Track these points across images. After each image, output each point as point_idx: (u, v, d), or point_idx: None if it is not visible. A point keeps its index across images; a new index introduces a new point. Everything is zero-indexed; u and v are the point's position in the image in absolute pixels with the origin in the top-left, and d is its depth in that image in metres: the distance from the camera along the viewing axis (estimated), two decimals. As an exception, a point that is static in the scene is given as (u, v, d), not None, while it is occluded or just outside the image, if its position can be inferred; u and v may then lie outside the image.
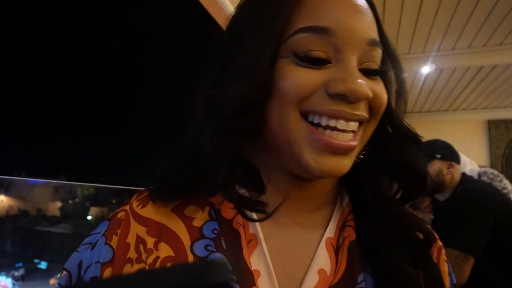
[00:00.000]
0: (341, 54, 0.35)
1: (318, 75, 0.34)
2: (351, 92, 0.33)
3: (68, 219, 3.57)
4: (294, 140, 0.34)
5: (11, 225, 2.83)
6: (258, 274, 0.36)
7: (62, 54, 8.31)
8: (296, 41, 0.34)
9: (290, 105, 0.34)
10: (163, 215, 0.39)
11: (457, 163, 1.59)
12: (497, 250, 1.36)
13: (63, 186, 3.82)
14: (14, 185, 2.99)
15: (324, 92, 0.34)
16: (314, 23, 0.34)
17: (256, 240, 0.37)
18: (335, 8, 0.35)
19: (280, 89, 0.34)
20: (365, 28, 0.36)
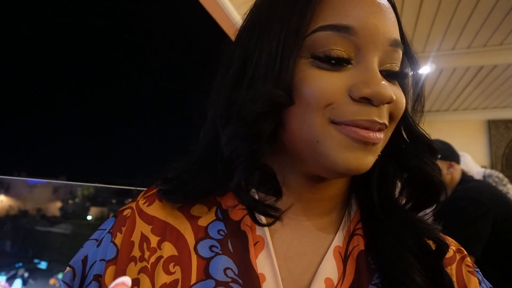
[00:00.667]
0: (363, 55, 0.33)
1: (340, 79, 0.33)
2: (375, 95, 0.32)
3: (68, 219, 3.57)
4: (318, 141, 0.33)
5: (11, 225, 2.83)
6: (264, 278, 0.35)
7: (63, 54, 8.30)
8: (317, 40, 0.33)
9: (314, 111, 0.33)
10: (169, 213, 0.39)
11: (457, 163, 1.59)
12: (497, 250, 1.36)
13: (63, 186, 3.82)
14: (14, 185, 2.99)
15: (348, 97, 0.33)
16: (336, 21, 0.33)
17: (263, 242, 0.37)
18: (358, 6, 0.34)
19: (302, 94, 0.33)
20: (388, 28, 0.34)
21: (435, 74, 3.33)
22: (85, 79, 9.74)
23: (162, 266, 0.35)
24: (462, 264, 0.41)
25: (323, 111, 0.33)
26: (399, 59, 0.36)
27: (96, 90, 9.51)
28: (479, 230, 1.34)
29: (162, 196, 0.40)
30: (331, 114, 0.33)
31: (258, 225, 0.36)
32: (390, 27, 0.35)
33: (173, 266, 0.35)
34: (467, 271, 0.40)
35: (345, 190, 0.41)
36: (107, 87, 8.76)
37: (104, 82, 8.92)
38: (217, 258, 0.35)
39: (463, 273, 0.40)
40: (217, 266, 0.35)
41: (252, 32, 0.37)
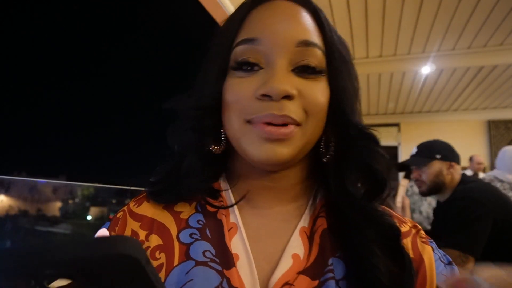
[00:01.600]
0: (270, 59, 0.39)
1: (251, 84, 0.39)
2: (269, 90, 0.37)
3: (68, 219, 3.57)
4: (239, 139, 0.40)
5: (11, 225, 2.83)
6: (238, 257, 0.40)
7: (62, 54, 8.31)
8: (235, 54, 0.41)
9: (233, 114, 0.40)
10: (156, 211, 0.45)
11: (457, 164, 1.59)
12: (497, 250, 1.36)
13: (63, 186, 3.82)
14: (14, 185, 3.00)
15: (254, 97, 0.38)
16: (246, 36, 0.40)
17: (236, 227, 0.42)
18: (263, 19, 0.41)
19: (225, 101, 0.41)
20: (291, 32, 0.39)
21: (435, 75, 3.33)
22: (85, 80, 9.76)
23: (149, 254, 0.40)
24: (417, 236, 0.44)
25: (239, 113, 0.40)
26: (313, 56, 0.40)
27: (97, 90, 9.53)
28: (479, 230, 1.34)
29: (149, 197, 0.46)
30: (244, 114, 0.39)
31: (214, 207, 0.43)
32: (296, 30, 0.40)
33: (159, 253, 0.41)
34: (421, 242, 0.44)
35: (304, 179, 0.46)
36: (107, 87, 8.79)
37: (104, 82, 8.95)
38: (196, 243, 0.41)
39: (417, 244, 0.43)
40: (196, 249, 0.40)
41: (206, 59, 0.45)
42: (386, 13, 2.37)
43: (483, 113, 4.43)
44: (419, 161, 1.63)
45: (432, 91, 3.80)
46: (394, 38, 2.71)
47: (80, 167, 10.52)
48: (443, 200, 1.61)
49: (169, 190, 0.45)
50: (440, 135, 1.91)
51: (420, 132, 4.40)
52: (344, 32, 2.65)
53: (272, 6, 0.42)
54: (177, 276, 0.38)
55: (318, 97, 0.40)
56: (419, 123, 4.68)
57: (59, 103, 13.74)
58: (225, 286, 0.37)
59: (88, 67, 15.24)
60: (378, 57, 3.04)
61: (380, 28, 2.56)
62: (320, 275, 0.39)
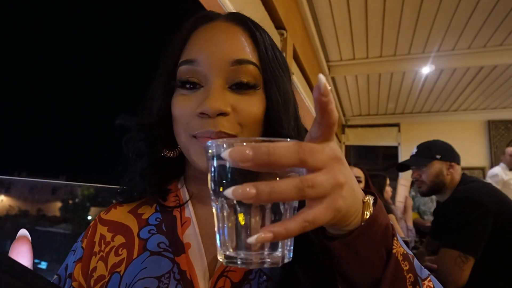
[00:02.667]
0: (207, 78, 0.44)
1: (192, 101, 0.44)
2: (205, 109, 0.41)
3: (68, 219, 3.57)
4: (188, 151, 0.45)
5: (11, 225, 2.83)
6: (189, 245, 0.45)
7: (62, 54, 8.31)
8: (179, 72, 0.45)
9: (180, 128, 0.45)
10: (121, 216, 0.51)
11: (457, 164, 1.59)
12: (497, 250, 1.36)
13: (63, 186, 3.82)
14: (14, 185, 2.99)
15: (195, 114, 0.43)
16: (187, 57, 0.45)
17: (190, 221, 0.48)
18: (202, 41, 0.45)
19: (173, 115, 0.46)
20: (226, 52, 0.44)
21: (435, 75, 3.33)
22: (86, 80, 9.76)
23: (113, 252, 0.47)
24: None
25: (185, 128, 0.44)
26: (247, 73, 0.44)
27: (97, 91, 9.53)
28: (479, 230, 1.34)
29: (117, 198, 0.53)
30: (189, 129, 0.44)
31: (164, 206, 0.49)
32: (230, 50, 0.44)
33: (121, 250, 0.47)
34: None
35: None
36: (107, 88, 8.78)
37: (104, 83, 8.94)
38: (153, 237, 0.47)
39: None
40: (153, 242, 0.46)
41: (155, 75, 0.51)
42: (386, 13, 2.37)
43: (483, 113, 4.43)
44: (419, 161, 1.63)
45: (432, 91, 3.80)
46: (394, 38, 2.71)
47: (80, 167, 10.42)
48: (443, 200, 1.61)
49: (130, 193, 0.52)
50: (440, 135, 1.91)
51: (420, 132, 4.40)
52: (344, 32, 2.65)
53: (210, 28, 0.47)
54: (134, 266, 0.44)
55: (252, 110, 0.44)
56: (419, 123, 4.68)
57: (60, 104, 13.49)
58: (175, 270, 0.43)
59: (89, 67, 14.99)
60: (378, 57, 3.05)
61: (380, 28, 2.56)
62: None
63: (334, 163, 0.28)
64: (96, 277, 0.46)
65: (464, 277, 1.30)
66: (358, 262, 0.32)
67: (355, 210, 0.30)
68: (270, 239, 0.24)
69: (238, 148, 0.24)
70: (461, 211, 1.40)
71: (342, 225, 0.31)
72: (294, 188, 0.24)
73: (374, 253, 0.32)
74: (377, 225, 0.32)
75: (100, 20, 13.55)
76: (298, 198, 0.25)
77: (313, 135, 0.28)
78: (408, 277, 0.33)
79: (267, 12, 1.58)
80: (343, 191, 0.27)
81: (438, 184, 1.58)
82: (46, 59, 16.19)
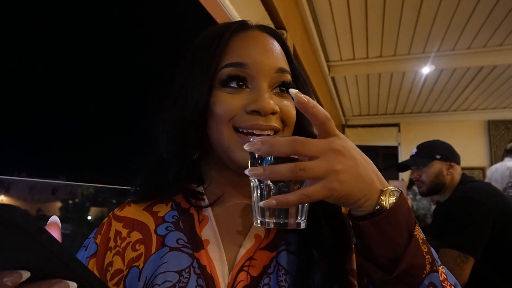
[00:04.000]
0: (255, 81, 0.48)
1: (239, 99, 0.47)
2: (260, 108, 0.45)
3: (68, 219, 3.57)
4: (228, 147, 0.47)
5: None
6: (208, 242, 0.48)
7: (62, 55, 8.30)
8: (223, 74, 0.48)
9: (223, 123, 0.47)
10: (136, 213, 0.53)
11: (457, 164, 1.59)
12: (497, 250, 1.36)
13: (63, 186, 3.83)
14: (14, 185, 2.99)
15: (244, 111, 0.47)
16: (235, 60, 0.48)
17: (208, 219, 0.50)
18: (249, 48, 0.49)
19: (214, 113, 0.48)
20: (272, 61, 0.49)
21: (435, 75, 3.33)
22: (86, 81, 9.75)
23: (130, 247, 0.48)
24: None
25: (228, 123, 0.47)
26: (286, 81, 0.50)
27: (97, 91, 9.52)
28: (479, 230, 1.34)
29: (132, 198, 0.54)
30: (234, 123, 0.47)
31: (195, 207, 0.51)
32: (275, 60, 0.50)
33: (139, 245, 0.48)
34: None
35: None
36: (107, 88, 8.77)
37: (105, 83, 8.94)
38: (171, 233, 0.49)
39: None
40: (171, 238, 0.48)
41: (183, 72, 0.53)
42: (386, 13, 2.37)
43: (483, 114, 4.43)
44: (419, 162, 1.63)
45: (432, 91, 3.80)
46: (394, 38, 2.71)
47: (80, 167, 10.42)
48: (443, 200, 1.61)
49: (148, 190, 0.54)
50: (440, 135, 1.91)
51: (420, 133, 4.40)
52: (344, 32, 2.65)
53: (252, 36, 0.51)
54: (154, 261, 0.46)
55: (291, 111, 0.50)
56: (419, 123, 4.68)
57: (60, 104, 13.56)
58: (195, 265, 0.45)
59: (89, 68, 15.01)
60: (378, 57, 3.05)
61: (380, 28, 2.56)
62: (277, 247, 0.48)
63: (330, 153, 0.35)
64: (113, 271, 0.47)
65: (464, 277, 1.30)
66: (383, 239, 0.38)
67: (362, 194, 0.37)
68: (273, 205, 0.34)
69: (253, 142, 0.35)
70: (461, 211, 1.40)
71: (353, 206, 0.38)
72: (288, 170, 0.33)
73: (397, 233, 0.38)
74: (400, 211, 0.38)
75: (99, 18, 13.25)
76: (292, 177, 0.34)
77: (317, 134, 0.38)
78: (427, 258, 0.38)
79: (267, 12, 1.58)
80: (339, 176, 0.34)
81: (438, 184, 1.58)
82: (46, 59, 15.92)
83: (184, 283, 0.43)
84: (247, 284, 0.44)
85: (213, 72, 0.48)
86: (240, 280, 0.44)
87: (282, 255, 0.47)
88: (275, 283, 0.45)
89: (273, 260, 0.47)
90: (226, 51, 0.49)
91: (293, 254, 0.48)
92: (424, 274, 0.37)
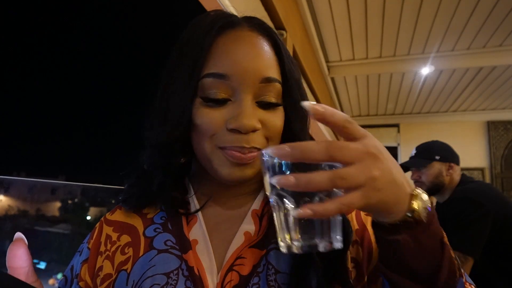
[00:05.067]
0: (237, 93, 0.44)
1: (221, 115, 0.44)
2: (240, 127, 0.43)
3: (68, 219, 3.57)
4: (211, 161, 0.46)
5: (10, 225, 2.81)
6: (196, 242, 0.47)
7: (62, 55, 8.30)
8: (204, 84, 0.44)
9: (204, 139, 0.45)
10: (126, 216, 0.52)
11: (457, 164, 1.59)
12: (497, 250, 1.36)
13: (62, 186, 3.82)
14: (13, 185, 2.98)
15: (225, 128, 0.44)
16: (215, 70, 0.44)
17: (196, 218, 0.49)
18: (231, 55, 0.44)
19: (196, 126, 0.45)
20: (257, 69, 0.45)
21: (434, 75, 3.33)
22: (86, 80, 9.75)
23: (119, 251, 0.48)
24: (360, 211, 0.50)
25: (210, 139, 0.45)
26: (274, 91, 0.46)
27: (97, 91, 9.52)
28: (479, 231, 1.35)
29: (121, 203, 0.53)
30: (215, 141, 0.45)
31: (183, 214, 0.49)
32: (261, 67, 0.45)
33: (127, 248, 0.48)
34: (365, 214, 0.50)
35: (258, 177, 0.51)
36: (107, 88, 8.77)
37: (104, 83, 8.93)
38: (159, 235, 0.48)
39: (361, 215, 0.50)
40: (159, 240, 0.47)
41: (165, 80, 0.49)
42: (386, 14, 2.37)
43: (482, 114, 4.43)
44: (418, 163, 1.63)
45: (432, 92, 3.80)
46: (393, 39, 2.71)
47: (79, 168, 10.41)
48: (442, 201, 1.61)
49: (138, 198, 0.52)
50: (440, 136, 1.91)
51: (419, 133, 4.39)
52: (344, 33, 2.65)
53: (236, 38, 0.46)
54: (142, 264, 0.45)
55: (277, 124, 0.47)
56: (419, 124, 4.68)
57: (60, 104, 13.57)
58: (183, 267, 0.44)
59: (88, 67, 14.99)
60: (377, 58, 3.04)
61: (379, 29, 2.56)
62: (267, 245, 0.46)
63: (367, 158, 0.31)
64: (103, 276, 0.46)
65: (463, 278, 1.30)
66: (423, 252, 0.36)
67: (396, 200, 0.33)
68: (309, 215, 0.29)
69: (280, 146, 0.30)
70: (461, 212, 1.40)
71: (385, 213, 0.34)
72: (327, 179, 0.29)
73: (435, 244, 0.36)
74: (435, 220, 0.36)
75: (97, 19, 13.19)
76: (331, 187, 0.29)
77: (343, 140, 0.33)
78: (456, 263, 0.38)
79: (266, 12, 1.58)
80: (376, 183, 0.31)
81: (438, 185, 1.58)
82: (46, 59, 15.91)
83: (172, 285, 0.43)
84: (236, 284, 0.43)
85: (194, 81, 0.45)
86: (229, 280, 0.43)
87: (272, 253, 0.45)
88: (264, 283, 0.43)
89: (262, 258, 0.45)
90: (208, 56, 0.45)
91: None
92: (456, 280, 0.37)
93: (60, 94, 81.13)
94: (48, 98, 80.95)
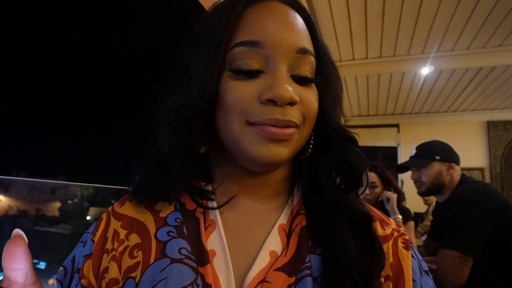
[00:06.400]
0: (271, 64, 0.40)
1: (253, 87, 0.39)
2: (275, 97, 0.38)
3: (67, 219, 3.56)
4: (240, 140, 0.40)
5: (10, 225, 2.83)
6: (214, 253, 0.41)
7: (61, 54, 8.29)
8: (234, 55, 0.40)
9: (233, 116, 0.40)
10: (137, 211, 0.46)
11: (457, 164, 1.59)
12: (497, 251, 1.36)
13: (62, 186, 3.81)
14: (13, 185, 2.98)
15: (258, 101, 0.39)
16: (247, 38, 0.40)
17: (215, 224, 0.43)
18: (265, 23, 0.40)
19: (224, 102, 0.40)
20: (292, 38, 0.40)
21: (434, 75, 3.33)
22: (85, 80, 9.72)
23: (128, 253, 0.42)
24: (398, 240, 0.45)
25: (240, 115, 0.39)
26: (308, 64, 0.42)
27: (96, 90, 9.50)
28: (479, 231, 1.34)
29: (130, 197, 0.48)
30: (246, 117, 0.39)
31: (203, 208, 0.43)
32: (295, 37, 0.41)
33: (137, 251, 0.42)
34: (402, 247, 0.44)
35: (286, 177, 0.48)
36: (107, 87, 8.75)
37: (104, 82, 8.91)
38: (173, 240, 0.42)
39: (398, 249, 0.44)
40: (173, 247, 0.41)
41: (189, 51, 0.45)
42: (386, 14, 2.37)
43: (482, 114, 4.43)
44: (418, 163, 1.63)
45: (431, 92, 3.80)
46: (393, 39, 2.71)
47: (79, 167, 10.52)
48: (442, 201, 1.61)
49: (151, 190, 0.46)
50: (439, 136, 1.91)
51: (419, 133, 4.40)
52: (344, 33, 2.65)
53: (268, 8, 0.42)
54: (152, 274, 0.39)
55: (313, 102, 0.42)
56: (419, 123, 4.68)
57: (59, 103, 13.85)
58: (199, 283, 0.38)
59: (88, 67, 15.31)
60: (377, 58, 3.05)
61: (379, 29, 2.56)
62: (296, 272, 0.39)
63: None
64: (108, 280, 0.41)
65: (463, 278, 1.30)
66: None
67: None
68: None
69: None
70: (460, 212, 1.40)
71: None
72: None
73: None
74: None
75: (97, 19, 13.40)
76: None
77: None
78: None
79: (266, 12, 1.57)
80: None
81: (438, 185, 1.58)
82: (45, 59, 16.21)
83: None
84: None
85: (223, 51, 0.40)
86: None
87: (304, 282, 0.38)
88: None
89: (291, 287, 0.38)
90: (237, 27, 0.41)
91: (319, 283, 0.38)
92: None
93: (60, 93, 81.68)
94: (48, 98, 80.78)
